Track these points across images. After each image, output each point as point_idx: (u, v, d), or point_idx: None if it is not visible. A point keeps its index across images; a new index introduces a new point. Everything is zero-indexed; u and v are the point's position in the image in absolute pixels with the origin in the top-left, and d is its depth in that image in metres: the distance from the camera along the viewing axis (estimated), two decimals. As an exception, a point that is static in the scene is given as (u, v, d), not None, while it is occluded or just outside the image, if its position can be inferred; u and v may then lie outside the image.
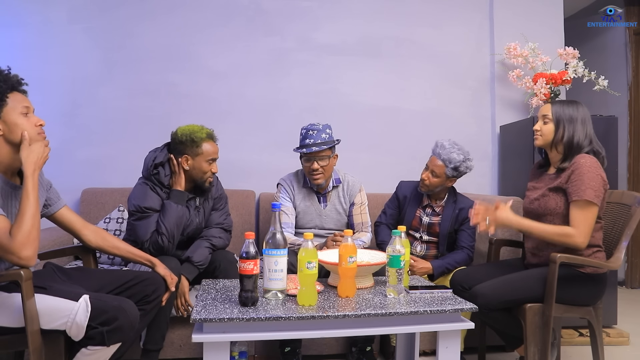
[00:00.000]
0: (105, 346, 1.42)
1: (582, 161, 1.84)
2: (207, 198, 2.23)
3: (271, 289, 1.52)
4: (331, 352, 2.35)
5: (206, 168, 2.09)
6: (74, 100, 2.93)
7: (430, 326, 1.53)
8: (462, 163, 2.27)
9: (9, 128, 1.46)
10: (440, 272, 2.28)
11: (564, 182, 1.87)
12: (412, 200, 2.45)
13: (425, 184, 2.35)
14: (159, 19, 3.02)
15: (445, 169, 2.28)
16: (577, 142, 1.89)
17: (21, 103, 1.48)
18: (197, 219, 2.17)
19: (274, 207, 1.55)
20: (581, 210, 1.81)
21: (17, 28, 2.89)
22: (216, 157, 2.13)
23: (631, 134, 4.00)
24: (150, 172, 2.07)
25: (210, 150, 2.09)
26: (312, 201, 2.39)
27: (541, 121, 1.97)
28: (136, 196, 2.05)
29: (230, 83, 3.08)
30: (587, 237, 1.80)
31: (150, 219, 2.02)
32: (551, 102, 2.00)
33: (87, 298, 1.42)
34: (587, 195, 1.79)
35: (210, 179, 2.13)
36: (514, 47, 3.09)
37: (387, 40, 3.24)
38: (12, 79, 1.49)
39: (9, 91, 1.47)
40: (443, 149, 2.29)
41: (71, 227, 1.76)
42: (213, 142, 2.13)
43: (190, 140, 2.06)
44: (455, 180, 2.36)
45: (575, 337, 2.62)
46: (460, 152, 2.28)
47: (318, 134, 2.26)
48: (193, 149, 2.07)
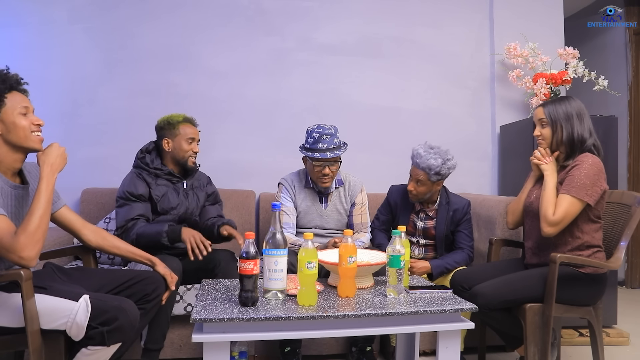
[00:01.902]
0: (106, 346, 1.42)
1: (585, 159, 1.83)
2: (198, 186, 2.32)
3: (271, 289, 1.52)
4: (331, 352, 2.35)
5: (186, 147, 2.21)
6: (74, 100, 2.93)
7: (430, 326, 1.53)
8: (442, 166, 2.22)
9: (7, 128, 1.46)
10: (439, 272, 2.28)
11: (564, 176, 1.87)
12: (404, 206, 2.41)
13: (413, 194, 2.31)
14: (159, 19, 3.02)
15: (429, 176, 2.24)
16: (579, 136, 1.89)
17: (20, 103, 1.48)
18: (185, 202, 2.24)
19: (274, 207, 1.55)
20: (565, 202, 1.80)
21: (17, 28, 2.89)
22: (195, 137, 2.24)
23: (631, 134, 4.00)
24: (137, 157, 2.22)
25: (188, 130, 2.22)
26: (313, 201, 2.39)
27: (539, 125, 1.97)
28: (123, 183, 2.17)
29: (231, 83, 3.08)
30: (560, 225, 1.81)
31: (130, 207, 2.10)
32: (542, 104, 1.98)
33: (87, 298, 1.42)
34: (577, 192, 1.79)
35: (192, 159, 2.24)
36: (514, 47, 3.09)
37: (387, 40, 3.24)
38: (11, 78, 1.49)
39: (7, 91, 1.47)
40: (419, 157, 2.25)
41: (71, 227, 1.77)
42: (191, 125, 2.26)
43: (167, 124, 2.22)
44: (441, 183, 2.33)
45: (575, 337, 2.62)
46: (438, 155, 2.23)
47: (331, 138, 2.25)
48: (171, 131, 2.21)
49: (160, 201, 2.16)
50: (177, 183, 2.24)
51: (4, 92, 1.46)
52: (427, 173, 2.24)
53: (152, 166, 2.19)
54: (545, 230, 1.83)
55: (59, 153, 1.52)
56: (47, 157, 1.50)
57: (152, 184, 2.16)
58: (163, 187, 2.19)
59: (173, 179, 2.23)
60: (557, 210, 1.81)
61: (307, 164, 2.34)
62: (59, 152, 1.52)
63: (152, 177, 2.18)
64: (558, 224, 1.81)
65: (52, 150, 1.51)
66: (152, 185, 2.16)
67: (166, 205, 2.17)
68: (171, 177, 2.22)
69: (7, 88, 1.47)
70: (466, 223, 2.38)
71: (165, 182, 2.21)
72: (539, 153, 1.98)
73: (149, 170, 2.18)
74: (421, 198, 2.33)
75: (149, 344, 1.92)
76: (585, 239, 1.87)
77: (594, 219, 1.88)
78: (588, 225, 1.87)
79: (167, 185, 2.21)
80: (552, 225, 1.81)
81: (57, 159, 1.51)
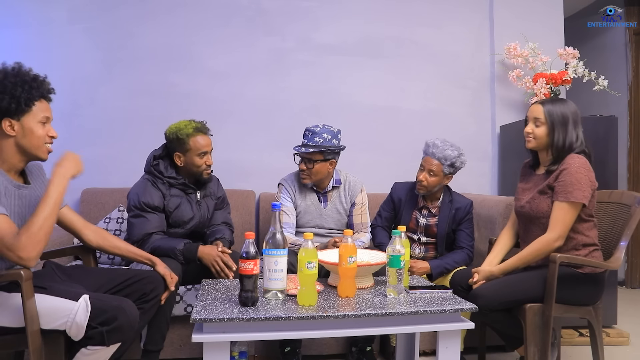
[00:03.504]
0: (105, 346, 1.42)
1: (571, 162, 1.82)
2: (209, 194, 2.26)
3: (271, 289, 1.52)
4: (331, 352, 2.35)
5: (199, 162, 2.11)
6: (74, 101, 2.93)
7: (430, 326, 1.53)
8: (457, 158, 2.28)
9: (24, 132, 1.47)
10: (439, 272, 2.28)
11: (552, 181, 1.86)
12: (407, 203, 2.43)
13: (423, 185, 2.32)
14: (159, 19, 3.02)
15: (443, 167, 2.28)
16: (569, 144, 1.88)
17: (44, 112, 1.51)
18: (199, 214, 2.19)
19: (274, 207, 1.55)
20: (563, 211, 1.81)
21: (17, 28, 2.89)
22: (207, 149, 2.13)
23: (631, 134, 4.00)
24: (150, 164, 2.12)
25: (199, 144, 2.09)
26: (313, 201, 2.40)
27: (532, 123, 1.93)
28: (136, 190, 2.08)
29: (231, 83, 3.08)
30: (564, 237, 1.82)
31: (146, 220, 2.04)
32: (541, 102, 1.95)
33: (87, 298, 1.42)
34: (574, 196, 1.79)
35: (206, 172, 2.16)
36: (514, 47, 3.09)
37: (388, 41, 3.24)
38: (45, 86, 1.52)
39: (38, 98, 1.49)
40: (436, 147, 2.29)
41: (72, 227, 1.77)
42: (202, 135, 2.12)
43: (176, 139, 2.09)
44: (451, 177, 2.36)
45: (575, 337, 2.62)
46: (454, 148, 2.29)
47: (312, 136, 2.26)
48: (182, 146, 2.09)
49: (173, 214, 2.10)
50: (190, 194, 2.17)
51: (35, 98, 1.48)
52: (442, 164, 2.27)
53: (166, 175, 2.10)
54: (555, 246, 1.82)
55: (71, 158, 1.53)
56: (59, 161, 1.51)
57: (166, 195, 2.09)
58: (177, 198, 2.12)
59: (187, 189, 2.16)
60: (552, 226, 1.82)
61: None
62: (72, 157, 1.54)
63: (166, 186, 2.10)
64: (561, 237, 1.81)
65: (65, 156, 1.53)
66: (167, 195, 2.10)
67: (179, 218, 2.12)
68: (185, 188, 2.15)
69: (38, 95, 1.49)
70: (468, 222, 2.39)
71: (178, 193, 2.14)
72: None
73: (162, 179, 2.10)
74: (430, 190, 2.34)
75: (148, 345, 1.91)
76: (579, 238, 1.87)
77: (586, 217, 1.88)
78: (581, 225, 1.87)
79: (181, 196, 2.14)
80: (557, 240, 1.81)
81: (69, 163, 1.52)
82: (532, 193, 1.94)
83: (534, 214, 1.91)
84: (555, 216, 1.82)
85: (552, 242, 1.81)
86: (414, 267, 2.25)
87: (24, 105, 1.45)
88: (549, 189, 1.88)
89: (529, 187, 1.99)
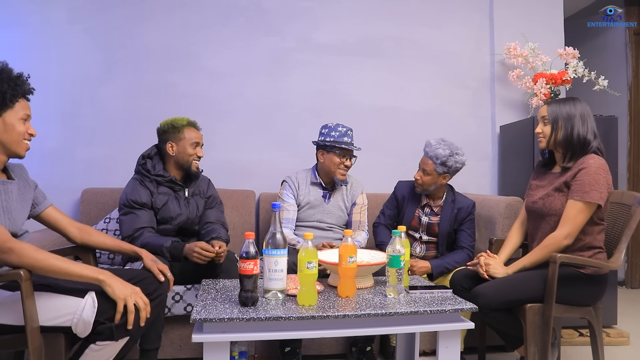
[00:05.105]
0: (114, 340, 1.43)
1: (591, 161, 1.83)
2: (198, 193, 2.28)
3: (271, 289, 1.52)
4: (331, 352, 2.35)
5: (191, 151, 2.19)
6: (74, 100, 2.93)
7: (430, 326, 1.53)
8: (449, 158, 2.28)
9: (5, 128, 1.49)
10: (439, 272, 2.28)
11: (570, 179, 1.86)
12: (410, 200, 2.45)
13: (418, 183, 2.38)
14: (159, 19, 3.02)
15: (434, 166, 2.29)
16: (578, 137, 1.88)
17: (24, 110, 1.54)
18: (186, 211, 2.21)
19: (274, 207, 1.55)
20: (576, 210, 1.81)
21: (17, 28, 2.88)
22: (200, 142, 2.22)
23: (631, 134, 4.00)
24: (138, 163, 2.18)
25: (193, 135, 2.20)
26: (317, 197, 2.48)
27: (541, 123, 1.97)
28: (126, 190, 2.14)
29: (230, 83, 3.08)
30: (574, 236, 1.82)
31: (136, 215, 2.08)
32: (548, 102, 1.99)
33: (93, 294, 1.44)
34: (591, 196, 1.79)
35: (196, 163, 2.22)
36: (514, 47, 3.08)
37: (387, 40, 3.24)
38: (27, 85, 1.55)
39: (20, 97, 1.52)
40: (429, 146, 2.33)
41: (57, 226, 1.78)
42: (195, 129, 2.24)
43: (171, 127, 2.18)
44: (448, 177, 2.36)
45: (575, 337, 2.62)
46: (447, 147, 2.30)
47: (354, 136, 2.45)
48: (175, 135, 2.18)
49: (160, 210, 2.14)
50: (178, 191, 2.21)
51: (18, 96, 1.51)
52: (433, 162, 2.29)
53: (153, 172, 2.16)
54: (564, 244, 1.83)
55: (133, 292, 1.47)
56: (126, 284, 1.48)
57: (154, 192, 2.14)
58: (164, 195, 2.16)
59: (175, 186, 2.20)
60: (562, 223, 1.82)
61: (327, 156, 2.41)
62: (134, 292, 1.48)
63: (154, 184, 2.15)
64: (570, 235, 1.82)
65: (135, 289, 1.49)
66: (154, 193, 2.14)
67: (166, 214, 2.15)
68: (173, 185, 2.19)
69: (22, 93, 1.52)
70: (469, 223, 2.39)
71: (166, 190, 2.18)
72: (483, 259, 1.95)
73: (150, 177, 2.15)
74: (426, 189, 2.37)
75: (144, 345, 1.92)
76: (588, 240, 1.87)
77: (598, 221, 1.88)
78: (591, 227, 1.87)
79: (168, 194, 2.18)
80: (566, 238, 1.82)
81: (125, 289, 1.46)
82: (546, 190, 1.94)
83: (547, 210, 1.91)
84: (567, 214, 1.82)
85: (561, 240, 1.81)
86: (414, 266, 2.25)
87: (8, 101, 1.48)
88: (565, 187, 1.88)
89: (544, 184, 1.99)
